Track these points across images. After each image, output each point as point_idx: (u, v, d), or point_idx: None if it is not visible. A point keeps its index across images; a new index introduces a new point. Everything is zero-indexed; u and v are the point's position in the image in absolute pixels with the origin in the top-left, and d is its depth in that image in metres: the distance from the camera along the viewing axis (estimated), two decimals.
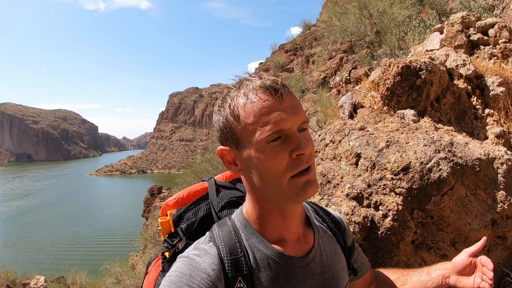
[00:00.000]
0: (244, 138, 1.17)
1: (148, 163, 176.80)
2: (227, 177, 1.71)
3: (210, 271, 1.16)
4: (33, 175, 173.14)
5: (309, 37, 36.07)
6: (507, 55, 4.65)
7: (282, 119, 1.12)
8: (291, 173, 1.15)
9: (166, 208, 1.59)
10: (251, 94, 1.16)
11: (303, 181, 1.16)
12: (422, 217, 3.10)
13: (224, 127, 1.21)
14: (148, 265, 1.58)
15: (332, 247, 1.49)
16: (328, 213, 1.63)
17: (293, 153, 1.13)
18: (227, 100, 1.21)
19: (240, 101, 1.17)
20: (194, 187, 1.66)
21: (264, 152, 1.14)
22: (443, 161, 3.08)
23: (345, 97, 4.56)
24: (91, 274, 27.80)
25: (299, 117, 1.16)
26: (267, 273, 1.24)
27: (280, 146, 1.14)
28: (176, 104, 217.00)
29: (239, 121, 1.16)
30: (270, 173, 1.16)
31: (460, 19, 5.11)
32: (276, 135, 1.13)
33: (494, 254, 3.55)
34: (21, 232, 69.35)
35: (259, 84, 1.16)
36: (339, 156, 3.56)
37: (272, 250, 1.27)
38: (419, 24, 9.16)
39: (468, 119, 4.13)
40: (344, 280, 1.48)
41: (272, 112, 1.12)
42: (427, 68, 3.88)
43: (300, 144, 1.14)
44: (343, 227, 1.64)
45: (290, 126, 1.14)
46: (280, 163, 1.14)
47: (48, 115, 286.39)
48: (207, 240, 1.27)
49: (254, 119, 1.13)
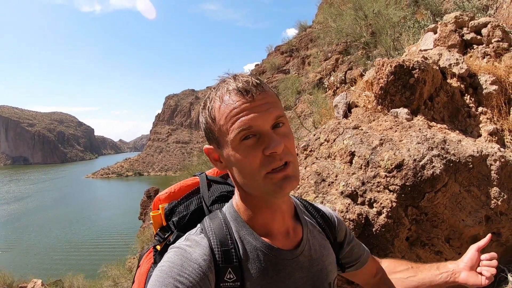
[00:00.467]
0: (221, 138, 1.23)
1: (145, 166, 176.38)
2: (217, 171, 1.74)
3: (201, 261, 1.18)
4: (29, 178, 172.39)
5: (305, 38, 36.12)
6: (500, 54, 4.68)
7: (251, 118, 1.16)
8: (265, 170, 1.18)
9: (158, 202, 1.61)
10: (225, 96, 1.20)
11: (279, 178, 1.19)
12: (416, 214, 3.13)
13: (205, 128, 1.29)
14: (140, 258, 1.61)
15: (321, 242, 1.52)
16: (317, 209, 1.66)
17: (266, 151, 1.17)
18: (207, 102, 1.28)
19: (216, 103, 1.22)
20: (185, 181, 1.68)
21: (239, 151, 1.19)
22: (436, 158, 3.11)
23: (339, 97, 4.59)
24: (88, 277, 27.73)
25: (271, 114, 1.19)
26: (256, 265, 1.27)
27: (254, 144, 1.18)
28: (172, 106, 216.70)
29: (215, 122, 1.23)
30: (246, 170, 1.21)
31: (453, 19, 5.15)
32: (246, 133, 1.16)
33: (489, 250, 3.55)
34: (17, 235, 69.06)
35: (232, 87, 1.20)
36: (333, 154, 3.59)
37: (262, 242, 1.30)
38: (413, 25, 9.20)
39: (461, 117, 4.16)
40: (332, 274, 1.50)
41: (242, 112, 1.16)
42: (420, 67, 3.91)
43: (271, 142, 1.16)
44: (333, 223, 1.67)
45: (260, 124, 1.17)
46: (254, 161, 1.18)
47: (44, 118, 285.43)
48: (198, 232, 1.30)
49: (226, 120, 1.18)
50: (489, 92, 4.23)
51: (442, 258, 3.31)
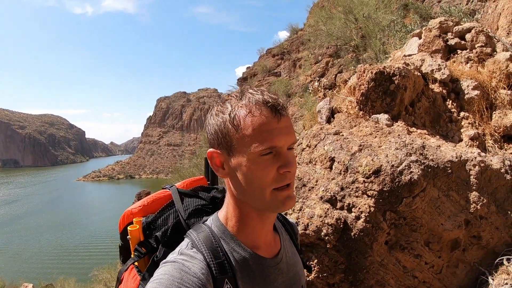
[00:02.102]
0: (239, 146, 1.22)
1: (136, 168, 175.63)
2: (187, 184, 1.74)
3: (200, 275, 1.19)
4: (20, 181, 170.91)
5: (296, 41, 36.16)
6: (483, 59, 4.73)
7: (278, 138, 1.20)
8: (275, 186, 1.23)
9: (130, 215, 1.60)
10: (254, 108, 1.21)
11: (284, 196, 1.24)
12: (394, 218, 3.17)
13: (220, 131, 1.26)
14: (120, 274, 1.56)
15: (292, 249, 1.58)
16: (284, 218, 1.70)
17: (281, 169, 1.21)
18: (227, 106, 1.26)
19: (242, 111, 1.22)
20: (157, 194, 1.68)
21: (255, 163, 1.21)
22: (414, 164, 3.15)
23: (322, 102, 4.62)
24: (80, 281, 27.63)
25: (291, 138, 1.24)
26: (246, 274, 1.31)
27: (270, 160, 1.21)
28: (163, 108, 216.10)
29: (237, 130, 1.21)
30: (256, 183, 1.23)
31: (438, 24, 5.19)
32: (269, 150, 1.20)
33: (470, 253, 3.62)
34: (7, 239, 68.44)
35: (262, 100, 1.22)
36: (314, 160, 3.62)
37: (249, 253, 1.33)
38: (400, 29, 9.26)
39: (443, 122, 4.20)
40: (303, 277, 1.57)
41: (271, 129, 1.19)
42: (401, 73, 3.95)
43: (288, 162, 1.22)
44: (296, 230, 1.73)
45: (282, 144, 1.21)
46: (268, 176, 1.21)
47: (34, 120, 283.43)
48: (190, 246, 1.30)
49: (253, 132, 1.19)
50: (471, 97, 4.27)
51: (422, 261, 3.35)
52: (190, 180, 1.77)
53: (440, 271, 3.48)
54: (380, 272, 3.23)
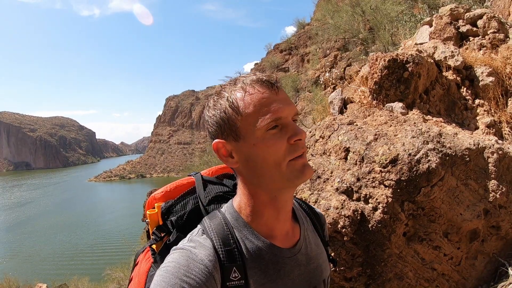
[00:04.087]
0: (244, 128, 1.21)
1: (147, 168, 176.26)
2: (212, 172, 1.72)
3: (207, 262, 1.18)
4: (32, 183, 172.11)
5: (303, 36, 36.12)
6: (496, 45, 4.65)
7: (280, 108, 1.19)
8: (290, 157, 1.20)
9: (153, 200, 1.59)
10: (249, 87, 1.22)
11: (300, 164, 1.21)
12: (413, 209, 3.10)
13: (221, 120, 1.25)
14: (136, 256, 1.58)
15: (315, 240, 1.52)
16: (310, 207, 1.65)
17: (291, 139, 1.19)
18: (223, 95, 1.26)
19: (238, 94, 1.22)
20: (181, 181, 1.66)
21: (264, 140, 1.19)
22: (432, 152, 3.08)
23: (334, 93, 4.56)
24: (93, 280, 27.82)
25: (293, 108, 1.23)
26: (258, 263, 1.27)
27: (279, 133, 1.20)
28: (173, 107, 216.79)
29: (238, 112, 1.21)
30: (270, 160, 1.20)
31: (448, 12, 5.11)
32: (275, 123, 1.18)
33: (489, 244, 3.55)
34: (21, 241, 69.04)
35: (255, 79, 1.23)
36: (328, 151, 3.56)
37: (263, 241, 1.29)
38: (410, 19, 9.16)
39: (458, 110, 4.13)
40: (326, 271, 1.51)
41: (271, 102, 1.20)
42: (414, 60, 3.88)
43: (297, 130, 1.20)
44: (323, 221, 1.68)
45: (286, 115, 1.21)
46: (280, 149, 1.19)
47: (45, 123, 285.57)
48: (200, 233, 1.29)
49: (254, 109, 1.19)
50: (485, 84, 4.19)
51: (441, 253, 3.28)
52: (216, 167, 1.75)
53: (459, 263, 3.41)
54: (398, 264, 3.17)
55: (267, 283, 1.27)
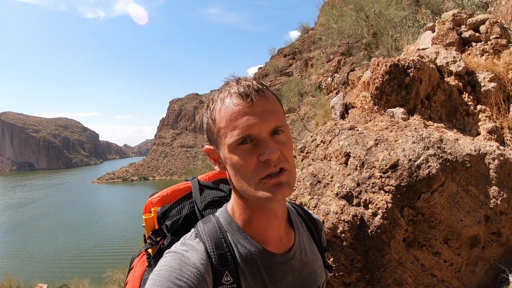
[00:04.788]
0: (219, 140, 1.23)
1: (150, 170, 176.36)
2: (209, 177, 1.74)
3: (199, 265, 1.18)
4: (35, 183, 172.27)
5: (307, 40, 36.16)
6: (499, 51, 4.64)
7: (250, 124, 1.16)
8: (259, 176, 1.18)
9: (150, 205, 1.60)
10: (227, 99, 1.21)
11: (271, 183, 1.18)
12: (412, 215, 3.09)
13: (206, 129, 1.30)
14: (132, 260, 1.61)
15: (311, 246, 1.52)
16: (307, 213, 1.65)
17: (261, 157, 1.16)
18: (209, 103, 1.29)
19: (217, 105, 1.23)
20: (177, 185, 1.67)
21: (236, 154, 1.19)
22: (432, 158, 3.07)
23: (336, 98, 4.56)
24: (94, 282, 27.86)
25: (269, 122, 1.18)
26: (250, 268, 1.27)
27: (250, 150, 1.18)
28: (176, 110, 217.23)
29: (215, 124, 1.23)
30: (241, 174, 1.20)
31: (451, 17, 5.11)
32: (242, 139, 1.17)
33: (490, 251, 3.53)
34: (23, 241, 69.11)
35: (234, 90, 1.21)
36: (329, 156, 3.55)
37: (256, 246, 1.30)
38: (413, 24, 9.16)
39: (459, 116, 4.12)
40: (321, 277, 1.51)
41: (241, 117, 1.17)
42: (416, 66, 3.88)
43: (266, 150, 1.16)
44: (320, 227, 1.68)
45: (258, 132, 1.17)
46: (249, 166, 1.18)
47: (49, 124, 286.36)
48: (193, 236, 1.29)
49: (225, 123, 1.19)
50: (487, 89, 4.18)
51: (441, 259, 3.27)
52: (214, 172, 1.76)
53: (459, 269, 3.40)
54: (397, 270, 3.15)
55: (260, 287, 1.27)
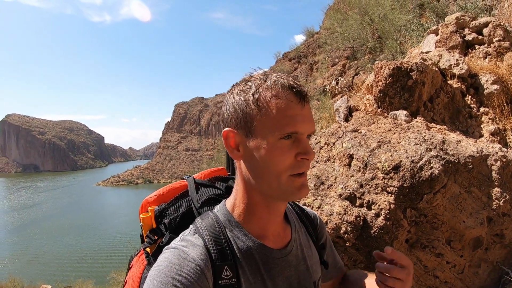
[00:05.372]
0: (260, 128, 1.21)
1: (155, 173, 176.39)
2: (205, 175, 1.74)
3: (199, 260, 1.19)
4: (40, 185, 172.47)
5: (312, 44, 36.10)
6: (502, 53, 4.65)
7: (301, 122, 1.19)
8: (291, 172, 1.21)
9: (147, 204, 1.61)
10: (280, 91, 1.20)
11: (299, 182, 1.22)
12: (415, 216, 3.11)
13: (240, 110, 1.24)
14: (130, 260, 1.62)
15: (306, 242, 1.54)
16: (302, 209, 1.68)
17: (299, 155, 1.20)
18: (250, 86, 1.24)
19: (267, 93, 1.20)
20: (173, 184, 1.69)
21: (274, 147, 1.19)
22: (435, 159, 3.09)
23: (340, 101, 4.58)
24: (98, 284, 27.84)
25: (312, 126, 1.24)
26: (249, 263, 1.28)
27: (290, 145, 1.20)
28: (181, 114, 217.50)
29: (261, 111, 1.20)
30: (273, 167, 1.21)
31: (454, 20, 5.13)
32: (290, 134, 1.19)
33: (493, 252, 3.54)
34: (27, 242, 69.18)
35: (287, 84, 1.21)
36: (333, 158, 3.58)
37: (254, 241, 1.31)
38: (417, 28, 9.17)
39: (462, 118, 4.14)
40: (317, 273, 1.52)
41: (294, 114, 1.19)
42: (418, 68, 3.90)
43: (307, 149, 1.21)
44: (315, 223, 1.69)
45: (304, 131, 1.21)
46: (285, 161, 1.20)
47: (54, 126, 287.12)
48: (192, 232, 1.30)
49: (277, 114, 1.18)
50: (490, 92, 4.20)
51: (443, 261, 3.28)
52: (209, 170, 1.77)
53: (462, 271, 3.41)
54: None
55: (257, 282, 1.29)
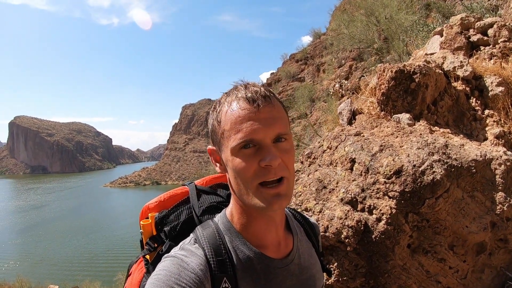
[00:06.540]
0: (223, 142, 1.23)
1: (162, 175, 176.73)
2: (207, 181, 1.73)
3: (198, 271, 1.17)
4: (48, 187, 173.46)
5: (319, 46, 36.12)
6: (507, 54, 4.59)
7: (254, 129, 1.17)
8: (258, 180, 1.18)
9: (147, 210, 1.60)
10: (234, 103, 1.21)
11: (271, 194, 1.18)
12: (417, 221, 3.07)
13: (211, 130, 1.30)
14: (130, 267, 1.61)
15: (309, 251, 1.52)
16: (304, 217, 1.65)
17: (261, 162, 1.17)
18: (216, 105, 1.29)
19: (224, 108, 1.24)
20: (175, 190, 1.67)
21: (237, 157, 1.19)
22: (437, 164, 3.06)
23: (343, 104, 4.55)
24: (105, 285, 27.98)
25: (274, 129, 1.19)
26: (249, 274, 1.27)
27: (252, 154, 1.18)
28: (189, 115, 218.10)
29: (220, 126, 1.24)
30: (240, 177, 1.20)
31: (459, 21, 5.08)
32: (245, 143, 1.17)
33: (497, 258, 3.50)
34: (35, 243, 69.58)
35: (241, 94, 1.22)
36: (335, 161, 3.55)
37: (254, 252, 1.29)
38: (422, 28, 9.12)
39: (466, 121, 4.09)
40: (320, 281, 1.50)
41: (246, 122, 1.17)
42: (421, 71, 3.86)
43: (267, 155, 1.16)
44: (317, 231, 1.67)
45: (261, 137, 1.17)
46: (249, 170, 1.18)
47: (62, 128, 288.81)
48: (193, 242, 1.29)
49: (230, 126, 1.19)
50: (495, 94, 4.15)
51: (446, 266, 3.24)
52: (210, 177, 1.76)
53: (465, 276, 3.36)
54: (402, 276, 3.13)
55: None
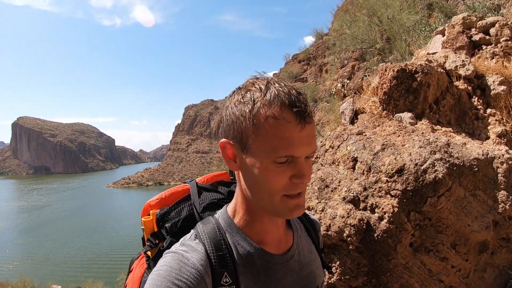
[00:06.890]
0: (255, 148, 1.15)
1: (165, 175, 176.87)
2: (207, 179, 1.73)
3: (199, 266, 1.18)
4: (51, 187, 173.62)
5: (321, 46, 36.03)
6: (509, 53, 4.59)
7: (298, 147, 1.12)
8: (285, 193, 1.18)
9: (148, 207, 1.61)
10: (278, 110, 1.11)
11: (294, 204, 1.19)
12: (419, 219, 3.08)
13: (237, 125, 1.18)
14: (131, 263, 1.61)
15: (309, 247, 1.53)
16: (305, 214, 1.65)
17: (294, 178, 1.15)
18: (249, 99, 1.16)
19: (264, 111, 1.12)
20: (176, 188, 1.67)
21: (268, 169, 1.14)
22: (439, 162, 3.06)
23: (345, 103, 4.56)
24: (108, 285, 28.00)
25: (311, 148, 1.16)
26: (249, 269, 1.27)
27: (285, 167, 1.15)
28: (191, 116, 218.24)
29: (256, 129, 1.13)
30: (266, 187, 1.18)
31: (461, 20, 5.08)
32: (285, 159, 1.13)
33: (499, 257, 3.50)
34: (38, 243, 69.71)
35: (288, 102, 1.11)
36: (337, 161, 3.56)
37: (255, 247, 1.30)
38: (425, 28, 9.11)
39: (468, 120, 4.09)
40: (320, 278, 1.51)
41: (291, 137, 1.11)
42: (423, 70, 3.86)
43: (302, 173, 1.15)
44: (317, 228, 1.68)
45: (300, 154, 1.14)
46: (279, 183, 1.15)
47: (65, 129, 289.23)
48: (193, 237, 1.29)
49: (272, 137, 1.11)
50: (497, 93, 4.15)
51: (448, 265, 3.25)
52: (212, 175, 1.76)
53: (467, 275, 3.37)
54: (404, 275, 3.14)
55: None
